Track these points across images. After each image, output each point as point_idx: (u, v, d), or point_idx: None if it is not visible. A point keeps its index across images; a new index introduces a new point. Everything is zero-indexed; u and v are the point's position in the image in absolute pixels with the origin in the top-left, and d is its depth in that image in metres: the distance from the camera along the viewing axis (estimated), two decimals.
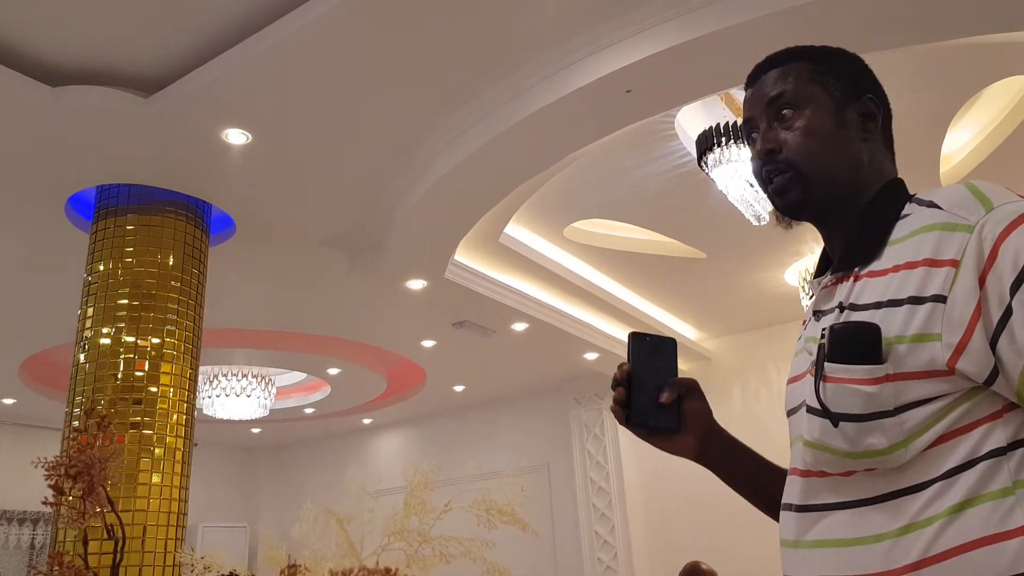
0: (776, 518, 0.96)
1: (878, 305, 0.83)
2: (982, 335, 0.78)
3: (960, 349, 0.78)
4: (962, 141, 4.08)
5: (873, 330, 0.81)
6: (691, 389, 1.00)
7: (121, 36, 2.87)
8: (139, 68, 3.03)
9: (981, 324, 0.78)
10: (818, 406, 0.84)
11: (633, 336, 0.97)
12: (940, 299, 0.79)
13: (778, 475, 1.00)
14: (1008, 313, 0.77)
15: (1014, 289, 0.77)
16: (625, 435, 7.01)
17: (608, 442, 6.99)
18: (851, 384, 0.81)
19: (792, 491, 0.90)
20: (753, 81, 1.02)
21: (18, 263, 4.39)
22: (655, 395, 0.95)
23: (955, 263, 0.79)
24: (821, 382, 0.84)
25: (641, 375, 0.95)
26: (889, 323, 0.81)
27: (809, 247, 4.96)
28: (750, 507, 1.06)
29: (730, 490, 1.06)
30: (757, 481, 1.03)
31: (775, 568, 0.91)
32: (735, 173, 3.47)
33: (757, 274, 5.42)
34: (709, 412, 1.01)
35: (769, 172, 0.97)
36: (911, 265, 0.82)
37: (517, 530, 1.22)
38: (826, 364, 0.84)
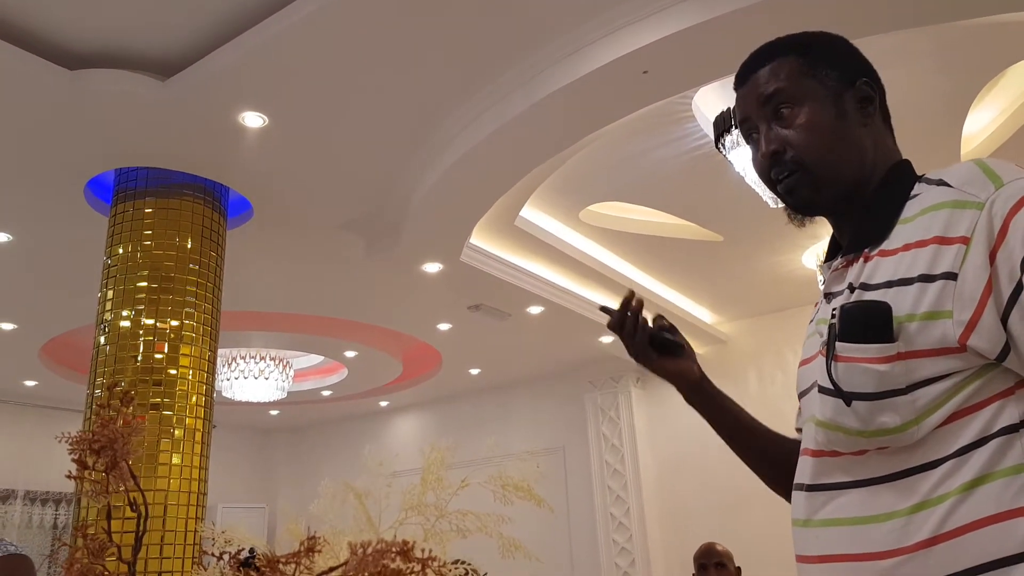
0: (762, 474, 1.00)
1: (889, 284, 0.83)
2: (993, 311, 0.77)
3: (972, 326, 0.78)
4: (984, 122, 4.02)
5: (884, 309, 0.81)
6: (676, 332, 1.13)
7: (138, 19, 2.88)
8: (156, 51, 3.04)
9: (992, 300, 0.78)
10: (830, 385, 0.84)
11: (602, 309, 1.12)
12: (951, 276, 0.79)
13: (768, 434, 1.07)
14: (1019, 288, 0.77)
15: None
16: (641, 419, 7.02)
17: (623, 425, 7.01)
18: (863, 363, 0.81)
19: (804, 471, 0.91)
20: (743, 81, 1.01)
21: (37, 246, 4.44)
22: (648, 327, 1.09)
23: (966, 240, 0.79)
24: (833, 361, 0.84)
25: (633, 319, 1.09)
26: (900, 301, 0.81)
27: (827, 229, 4.90)
28: (764, 490, 1.08)
29: (744, 473, 1.09)
30: (744, 429, 1.09)
31: (789, 549, 0.91)
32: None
33: (774, 257, 5.39)
34: (694, 352, 1.13)
35: (777, 173, 0.96)
36: (921, 243, 0.82)
37: (532, 511, 1.23)
38: (837, 343, 0.84)
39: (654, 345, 1.08)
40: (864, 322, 0.82)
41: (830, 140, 0.93)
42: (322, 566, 0.76)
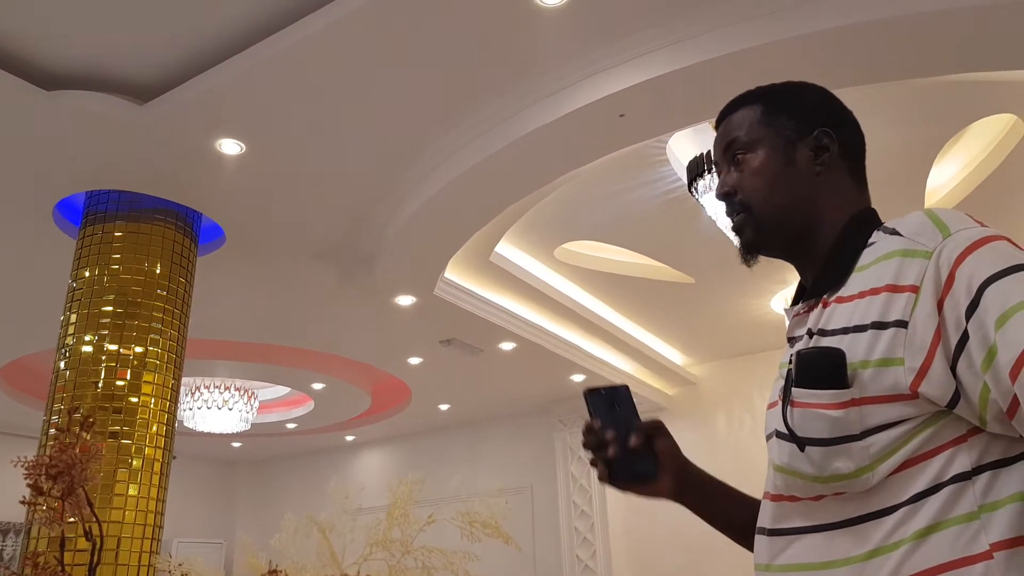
0: (750, 547, 0.97)
1: (845, 331, 0.84)
2: (943, 359, 0.79)
3: (922, 373, 0.79)
4: (947, 176, 4.15)
5: (837, 355, 0.83)
6: (658, 429, 1.02)
7: (118, 42, 2.87)
8: (135, 75, 3.03)
9: (941, 348, 0.79)
10: (786, 431, 0.85)
11: (588, 393, 0.99)
12: (902, 324, 0.80)
13: (752, 506, 1.01)
14: (965, 337, 0.78)
15: (968, 313, 0.78)
16: None
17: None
18: (817, 408, 0.83)
19: (764, 515, 0.91)
20: (717, 126, 1.07)
21: (1, 266, 4.34)
22: (627, 444, 0.97)
23: (915, 289, 0.81)
24: (789, 407, 0.86)
25: (609, 429, 0.97)
26: (855, 348, 0.82)
27: (795, 276, 5.00)
28: None
29: None
30: (732, 513, 1.05)
31: None
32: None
33: (744, 301, 5.46)
34: (678, 449, 1.03)
35: (728, 213, 1.02)
36: (875, 291, 0.84)
37: (498, 550, 1.21)
38: (793, 389, 0.85)
39: (622, 471, 0.98)
40: (818, 368, 0.83)
41: (772, 185, 0.98)
42: None
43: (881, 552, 0.79)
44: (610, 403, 0.98)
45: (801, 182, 0.97)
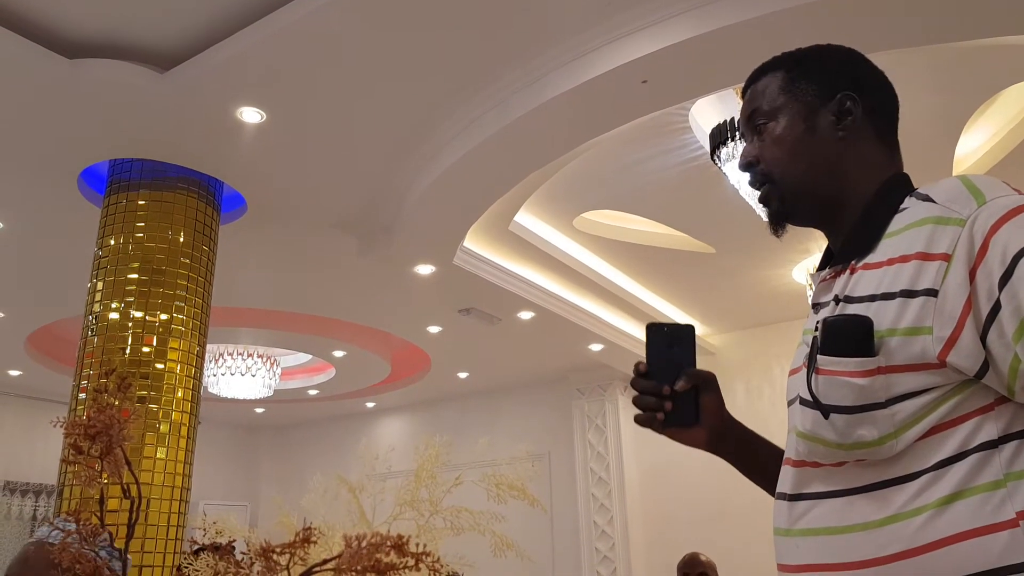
0: None
1: (872, 298, 0.83)
2: (972, 329, 0.78)
3: (951, 343, 0.78)
4: (976, 144, 4.07)
5: (865, 323, 0.82)
6: (708, 382, 1.01)
7: (140, 10, 2.87)
8: (156, 43, 3.03)
9: (971, 318, 0.78)
10: (810, 398, 0.85)
11: (650, 328, 0.96)
12: (932, 293, 0.79)
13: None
14: (997, 307, 0.77)
15: (1002, 283, 0.77)
16: (627, 427, 7.03)
17: (610, 433, 7.01)
18: (842, 376, 0.82)
19: (785, 480, 0.91)
20: (743, 95, 1.06)
21: (28, 235, 4.41)
22: (672, 387, 0.96)
23: (947, 257, 0.80)
24: (814, 374, 0.85)
25: (658, 369, 0.95)
26: (882, 316, 0.82)
27: (818, 244, 4.95)
28: (747, 501, 1.08)
29: (728, 484, 1.09)
30: (765, 467, 1.05)
31: (772, 560, 0.92)
32: None
33: (765, 271, 5.42)
34: (722, 405, 1.02)
35: (751, 183, 1.01)
36: (904, 258, 0.83)
37: (517, 516, 1.23)
38: (819, 356, 0.85)
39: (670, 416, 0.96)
40: (845, 336, 0.83)
41: (793, 153, 0.96)
42: (315, 558, 0.76)
43: (902, 517, 0.79)
44: (669, 342, 0.95)
45: (823, 148, 0.95)
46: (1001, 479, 0.77)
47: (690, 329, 0.98)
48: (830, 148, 0.95)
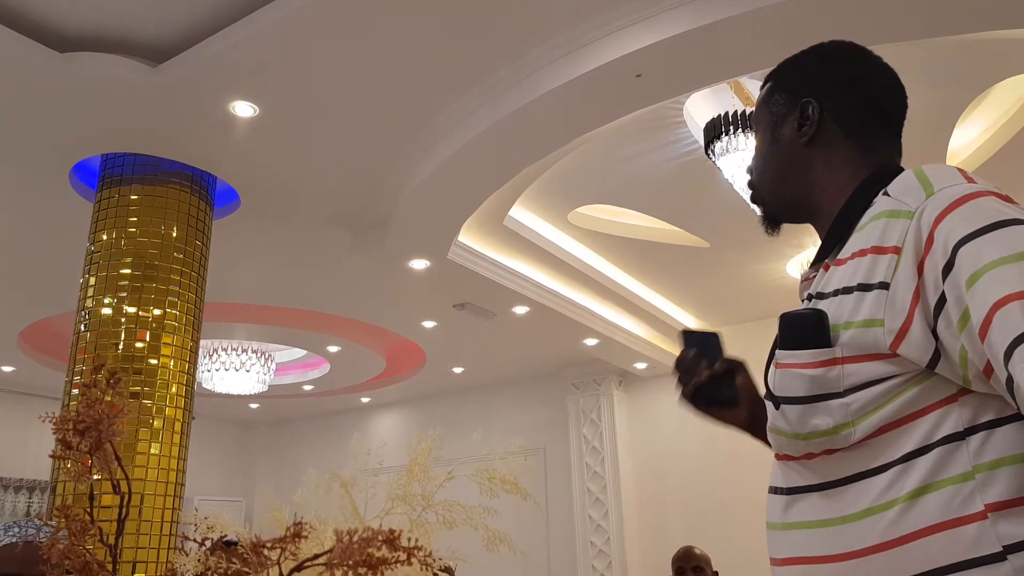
0: None
1: (836, 293, 0.86)
2: (922, 321, 0.79)
3: (901, 335, 0.79)
4: (970, 137, 4.07)
5: (816, 316, 0.84)
6: (740, 367, 1.07)
7: (131, 3, 2.85)
8: (148, 36, 3.01)
9: (920, 310, 0.79)
10: (766, 391, 0.89)
11: (683, 333, 1.10)
12: (884, 286, 0.81)
13: None
14: (943, 299, 0.78)
15: (945, 274, 0.78)
16: (622, 422, 7.05)
17: (605, 428, 7.03)
18: (795, 368, 0.85)
19: (776, 475, 0.94)
20: None
21: (20, 230, 4.39)
22: (712, 372, 1.06)
23: (897, 250, 0.81)
24: (772, 367, 0.89)
25: (699, 358, 1.07)
26: (841, 309, 0.84)
27: (812, 239, 4.96)
28: (741, 495, 1.10)
29: (722, 480, 1.13)
30: None
31: (765, 553, 0.94)
32: (742, 162, 3.46)
33: (759, 265, 5.43)
34: (756, 387, 1.07)
35: (749, 186, 1.11)
36: (862, 253, 0.84)
37: (512, 511, 1.23)
38: (777, 351, 0.88)
39: (704, 395, 1.05)
40: (798, 330, 0.86)
41: (765, 163, 1.04)
42: (307, 553, 0.75)
43: (876, 511, 0.80)
44: (703, 343, 1.08)
45: (788, 155, 1.00)
46: (970, 471, 0.77)
47: (716, 335, 1.10)
48: (795, 155, 1.00)
